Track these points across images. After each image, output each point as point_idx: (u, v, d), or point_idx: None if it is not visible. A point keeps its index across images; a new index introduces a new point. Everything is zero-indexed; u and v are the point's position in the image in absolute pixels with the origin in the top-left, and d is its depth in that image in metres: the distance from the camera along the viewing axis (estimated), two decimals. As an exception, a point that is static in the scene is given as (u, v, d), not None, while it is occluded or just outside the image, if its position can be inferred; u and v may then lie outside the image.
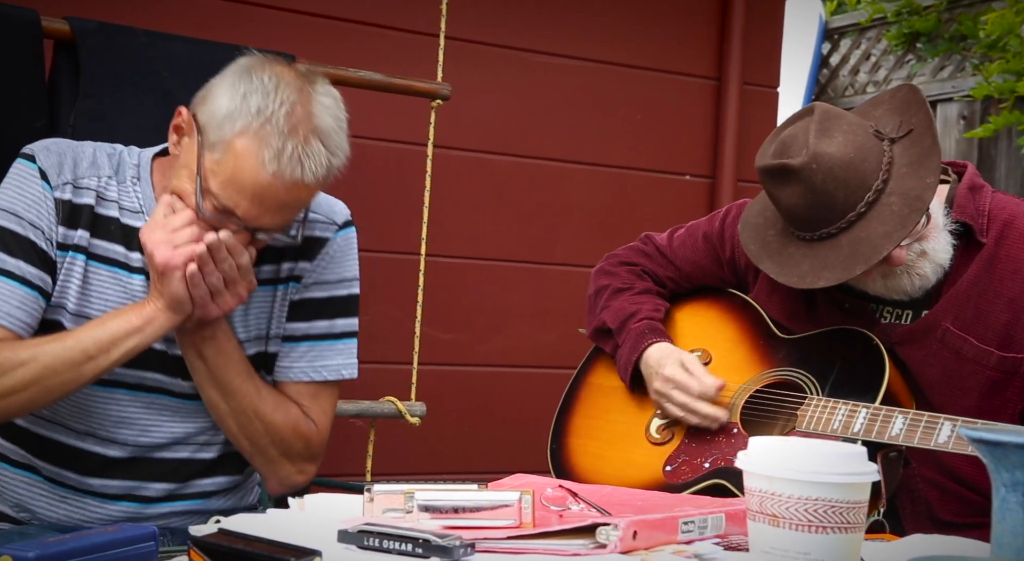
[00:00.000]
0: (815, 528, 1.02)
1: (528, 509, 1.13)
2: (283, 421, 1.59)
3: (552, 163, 3.12)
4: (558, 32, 3.10)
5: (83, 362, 1.46)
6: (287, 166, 1.43)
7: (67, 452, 1.59)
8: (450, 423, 2.97)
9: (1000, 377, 1.66)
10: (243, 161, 1.44)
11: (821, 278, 1.61)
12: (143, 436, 1.60)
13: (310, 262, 1.63)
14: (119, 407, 1.58)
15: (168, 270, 1.45)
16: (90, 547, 0.99)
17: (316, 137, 1.46)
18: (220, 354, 1.54)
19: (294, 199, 1.48)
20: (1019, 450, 0.94)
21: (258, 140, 1.43)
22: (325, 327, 1.65)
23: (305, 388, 1.64)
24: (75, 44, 2.13)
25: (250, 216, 1.47)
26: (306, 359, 1.64)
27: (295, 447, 1.61)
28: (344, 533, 1.09)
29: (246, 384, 1.56)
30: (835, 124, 1.62)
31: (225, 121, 1.45)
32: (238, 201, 1.45)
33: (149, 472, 1.61)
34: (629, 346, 1.90)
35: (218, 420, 1.59)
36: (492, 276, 3.04)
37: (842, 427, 1.62)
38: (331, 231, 1.65)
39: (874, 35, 5.00)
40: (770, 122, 3.43)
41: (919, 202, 1.58)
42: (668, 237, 2.03)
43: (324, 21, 2.80)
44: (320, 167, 1.46)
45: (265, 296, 1.62)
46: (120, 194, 1.57)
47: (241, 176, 1.44)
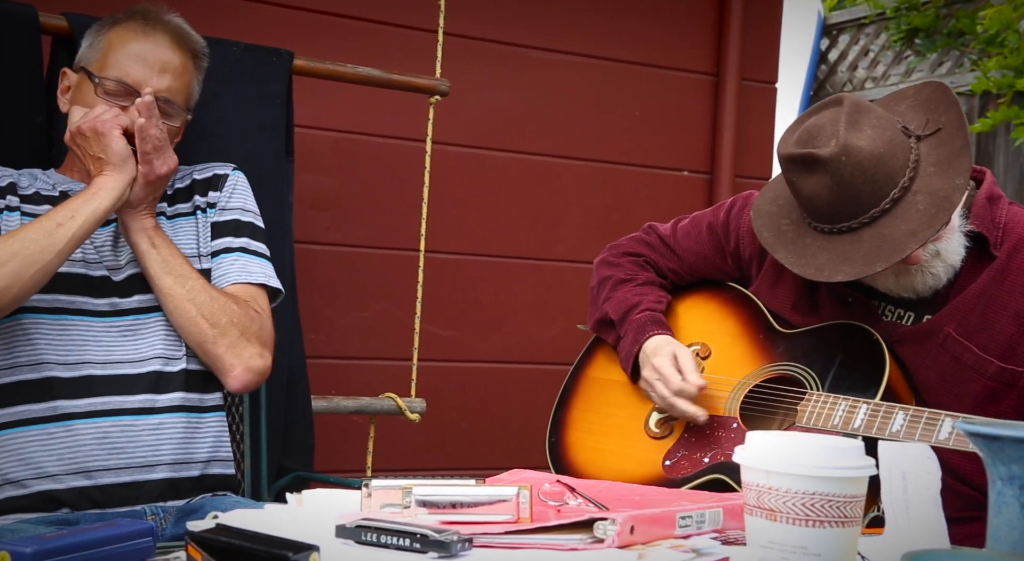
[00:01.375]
0: (812, 522, 1.03)
1: (526, 504, 1.13)
2: (236, 303, 1.73)
3: (551, 159, 3.12)
4: (557, 28, 3.10)
5: (54, 229, 1.62)
6: (153, 23, 1.78)
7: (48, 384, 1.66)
8: (450, 419, 2.97)
9: (997, 387, 1.66)
10: (118, 39, 1.77)
11: (840, 272, 1.60)
12: (110, 354, 1.69)
13: (218, 191, 1.86)
14: (79, 331, 1.70)
15: (106, 129, 1.67)
16: (87, 542, 0.99)
17: (171, 18, 1.82)
18: (169, 244, 1.73)
19: (170, 59, 1.78)
20: (1016, 444, 0.94)
21: (124, 25, 1.79)
22: (244, 243, 1.83)
23: (241, 289, 1.79)
24: (73, 40, 2.13)
25: (140, 79, 1.74)
26: (236, 266, 1.81)
27: (251, 328, 1.72)
28: (342, 528, 1.09)
29: (195, 271, 1.74)
30: (865, 117, 1.60)
31: (94, 39, 1.80)
32: (126, 68, 1.74)
33: (129, 387, 1.68)
34: (631, 338, 1.89)
35: (177, 309, 1.70)
36: (491, 272, 3.04)
37: (842, 423, 1.62)
38: (228, 169, 1.90)
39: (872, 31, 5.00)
40: (768, 118, 3.42)
41: (947, 203, 1.57)
42: (672, 227, 2.02)
43: (323, 17, 2.80)
44: (180, 30, 1.80)
45: (188, 224, 1.83)
46: (32, 183, 1.79)
47: (120, 49, 1.76)
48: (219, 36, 2.32)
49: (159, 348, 1.72)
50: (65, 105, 1.81)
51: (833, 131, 1.58)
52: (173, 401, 1.71)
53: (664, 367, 1.80)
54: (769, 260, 1.86)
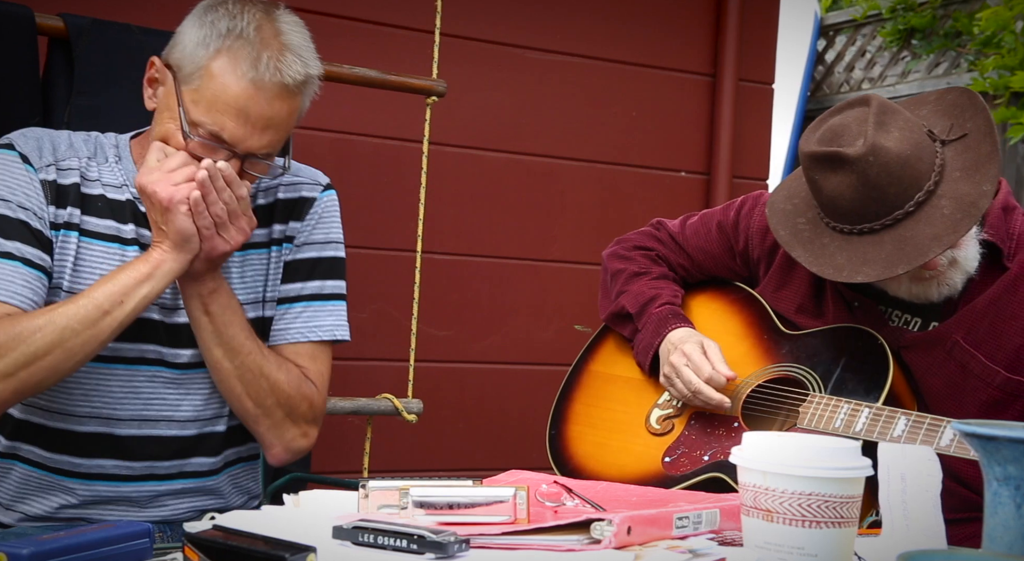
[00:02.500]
0: (809, 523, 1.03)
1: (523, 505, 1.13)
2: (287, 380, 1.59)
3: (548, 160, 3.12)
4: (554, 29, 3.10)
5: (99, 318, 1.45)
6: (265, 72, 1.48)
7: (77, 439, 1.58)
8: (447, 420, 2.97)
9: (1002, 397, 1.65)
10: (222, 79, 1.48)
11: (860, 273, 1.58)
12: (147, 409, 1.59)
13: (300, 222, 1.67)
14: (120, 382, 1.58)
15: (172, 205, 1.46)
16: (85, 544, 0.98)
17: (287, 49, 1.51)
18: (225, 309, 1.54)
19: (277, 113, 1.50)
20: (1012, 444, 0.94)
21: (232, 55, 1.48)
22: (317, 287, 1.67)
23: (303, 349, 1.65)
24: (69, 41, 2.12)
25: (237, 137, 1.49)
26: (301, 320, 1.65)
27: (299, 408, 1.61)
28: (339, 529, 1.09)
29: (250, 341, 1.56)
30: (892, 118, 1.59)
31: (198, 50, 1.50)
32: (223, 122, 1.48)
33: (158, 452, 1.60)
34: (651, 330, 1.88)
35: (222, 383, 1.57)
36: (488, 273, 3.04)
37: (844, 426, 1.62)
38: (317, 191, 1.69)
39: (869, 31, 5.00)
40: (765, 119, 3.43)
41: (973, 209, 1.56)
42: (680, 224, 2.02)
43: (319, 17, 2.80)
44: (298, 74, 1.51)
45: (260, 259, 1.65)
46: (101, 173, 1.59)
47: (223, 94, 1.48)
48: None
49: (200, 408, 1.62)
50: (152, 102, 1.58)
51: (860, 131, 1.56)
52: (205, 465, 1.65)
53: (694, 354, 1.79)
54: (777, 262, 1.86)
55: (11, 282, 1.48)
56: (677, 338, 1.84)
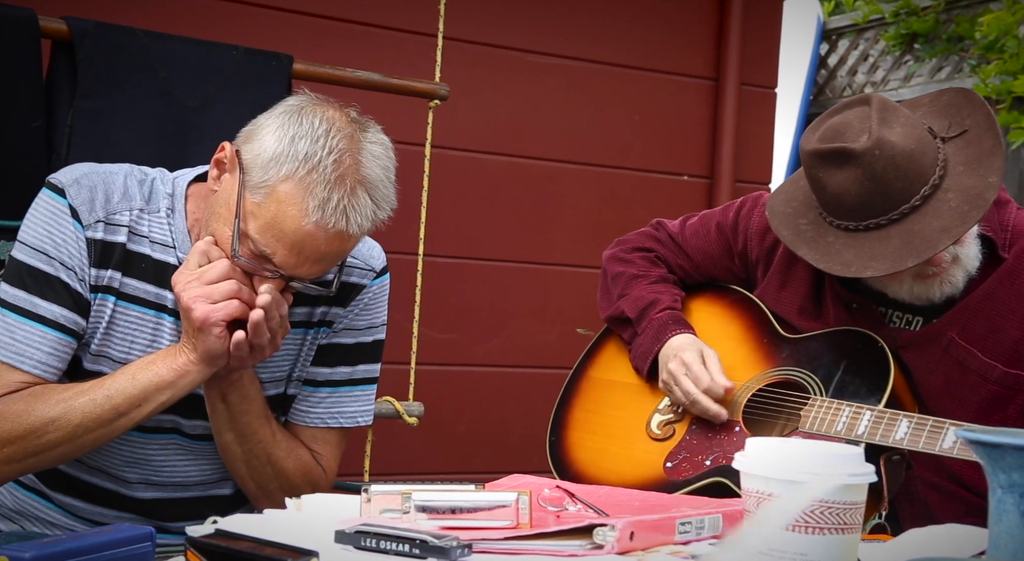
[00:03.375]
0: (812, 529, 1.02)
1: (525, 510, 1.13)
2: (294, 468, 1.57)
3: (550, 163, 3.12)
4: (556, 33, 3.10)
5: (114, 419, 1.42)
6: (331, 217, 1.38)
7: (80, 485, 1.57)
8: (448, 423, 2.97)
9: (1002, 392, 1.65)
10: (285, 208, 1.38)
11: (868, 268, 1.57)
12: (155, 476, 1.58)
13: (343, 308, 1.60)
14: (131, 448, 1.56)
15: (207, 326, 1.40)
16: (87, 547, 0.98)
17: (363, 188, 1.41)
18: (243, 400, 1.50)
19: (334, 251, 1.42)
20: (1016, 452, 0.94)
21: (303, 188, 1.37)
22: (347, 373, 1.62)
23: (320, 433, 1.62)
24: (73, 44, 2.12)
25: (287, 265, 1.41)
26: (324, 405, 1.61)
27: (302, 492, 1.55)
28: (341, 534, 1.09)
29: (263, 429, 1.53)
30: (894, 115, 1.59)
31: (270, 164, 1.39)
32: (276, 248, 1.40)
33: (164, 512, 1.59)
34: (651, 336, 1.88)
35: (228, 463, 1.56)
36: (490, 276, 3.04)
37: (846, 429, 1.62)
38: (368, 278, 1.62)
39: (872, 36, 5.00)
40: (768, 123, 3.43)
41: (981, 200, 1.56)
42: (680, 225, 2.01)
43: (322, 21, 2.80)
44: (365, 220, 1.41)
45: (295, 339, 1.59)
46: (151, 227, 1.51)
47: (282, 223, 1.38)
48: (219, 40, 2.33)
49: (208, 473, 1.61)
50: (216, 184, 1.47)
51: (863, 127, 1.57)
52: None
53: (694, 363, 1.79)
54: (776, 264, 1.86)
55: (37, 349, 1.44)
56: (677, 345, 1.83)
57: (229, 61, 2.23)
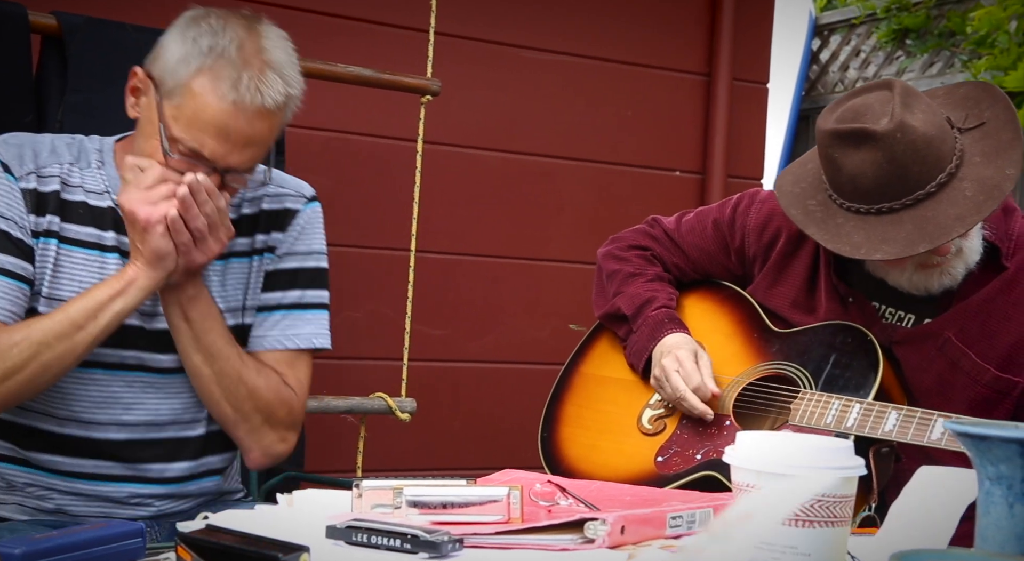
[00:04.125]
0: (802, 522, 1.03)
1: (516, 504, 1.13)
2: (266, 386, 1.61)
3: (542, 159, 3.12)
4: (548, 28, 3.10)
5: (73, 332, 1.47)
6: (246, 94, 1.47)
7: (53, 438, 1.59)
8: (441, 419, 2.97)
9: (991, 395, 1.66)
10: (203, 98, 1.47)
11: (879, 251, 1.57)
12: (126, 414, 1.60)
13: (283, 233, 1.67)
14: (99, 387, 1.59)
15: (150, 225, 1.47)
16: (78, 543, 0.98)
17: (270, 68, 1.50)
18: (205, 316, 1.56)
19: (257, 132, 1.50)
20: (1004, 444, 0.95)
21: (214, 75, 1.47)
22: (297, 297, 1.68)
23: (281, 356, 1.66)
24: (62, 39, 2.12)
25: (217, 155, 1.49)
26: (279, 328, 1.66)
27: (277, 413, 1.62)
28: (332, 529, 1.09)
29: (229, 347, 1.58)
30: (915, 100, 1.59)
31: (179, 66, 1.49)
32: (203, 140, 1.48)
33: (138, 454, 1.61)
34: (647, 334, 1.89)
35: (201, 388, 1.59)
36: (482, 272, 3.04)
37: (835, 422, 1.62)
38: (301, 203, 1.69)
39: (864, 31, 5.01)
40: (760, 118, 3.43)
41: (997, 191, 1.56)
42: (676, 221, 2.02)
43: (313, 16, 2.80)
44: (278, 94, 1.50)
45: (241, 267, 1.65)
46: (84, 178, 1.59)
47: (203, 113, 1.47)
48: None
49: (179, 412, 1.63)
50: (134, 110, 1.57)
51: (884, 110, 1.56)
52: (185, 470, 1.65)
53: (687, 362, 1.80)
54: (773, 258, 1.86)
55: None
56: (672, 343, 1.84)
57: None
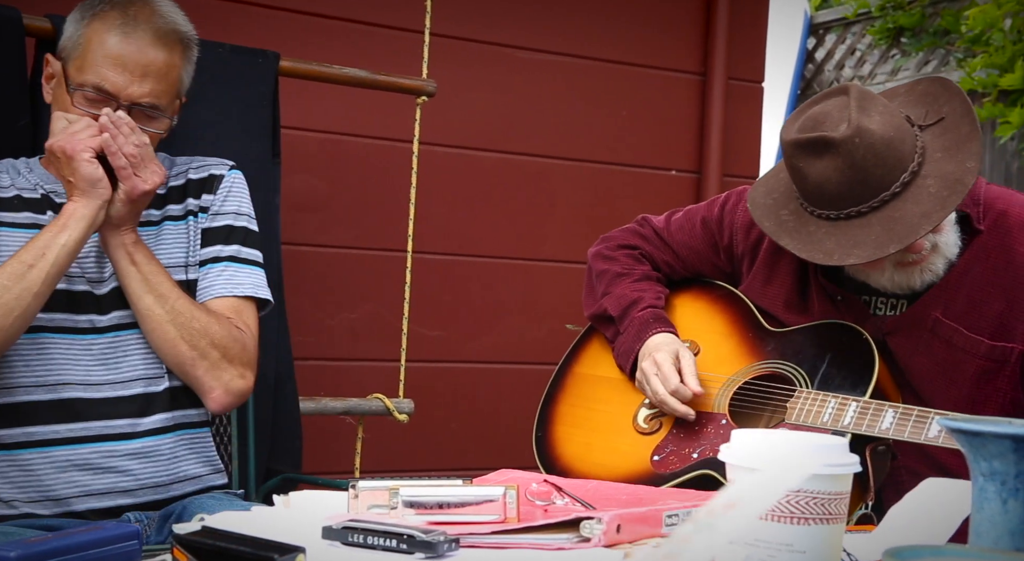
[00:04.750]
0: (797, 519, 1.03)
1: (513, 504, 1.14)
2: (218, 322, 1.67)
3: (538, 159, 3.12)
4: (543, 28, 3.10)
5: (25, 272, 1.56)
6: (133, 25, 1.64)
7: (25, 409, 1.63)
8: (438, 420, 2.97)
9: (990, 366, 1.66)
10: (97, 37, 1.64)
11: (851, 256, 1.59)
12: (90, 375, 1.65)
13: (213, 194, 1.78)
14: (59, 350, 1.65)
15: (75, 153, 1.59)
16: (73, 546, 0.98)
17: (156, 9, 1.68)
18: (150, 259, 1.65)
19: (152, 60, 1.65)
20: (997, 440, 0.95)
21: (104, 19, 1.65)
22: (234, 250, 1.76)
23: (227, 303, 1.73)
24: (57, 42, 2.12)
25: (118, 86, 1.63)
26: (223, 277, 1.74)
27: (233, 350, 1.67)
28: (328, 529, 1.09)
29: (177, 288, 1.67)
30: (872, 104, 1.61)
31: (75, 29, 1.67)
32: (102, 73, 1.63)
33: (109, 412, 1.65)
34: (632, 334, 1.89)
35: (156, 330, 1.64)
36: (479, 273, 3.04)
37: (832, 420, 1.63)
38: (224, 169, 1.81)
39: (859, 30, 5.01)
40: (755, 117, 3.43)
41: (960, 185, 1.57)
42: (665, 220, 2.02)
43: (309, 18, 2.80)
44: (165, 24, 1.67)
45: (178, 229, 1.76)
46: (15, 181, 1.72)
47: (99, 49, 1.63)
48: (205, 37, 2.31)
49: (140, 369, 1.68)
50: (48, 95, 1.73)
51: (842, 116, 1.58)
52: (156, 423, 1.68)
53: (665, 364, 1.80)
54: (761, 257, 1.87)
55: None
56: (654, 345, 1.85)
57: (215, 58, 2.22)
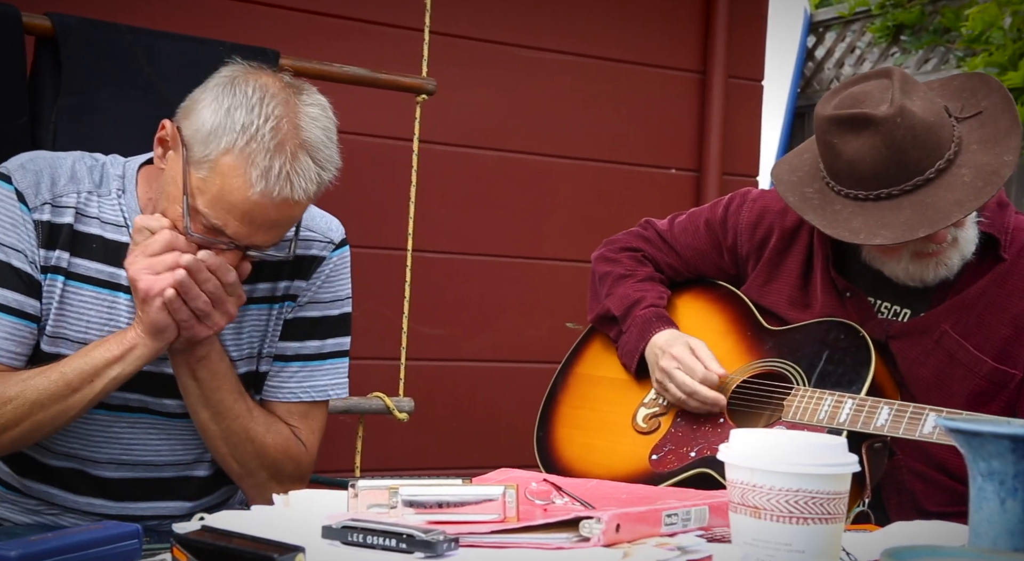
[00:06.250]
0: (796, 519, 1.03)
1: (512, 503, 1.14)
2: (274, 443, 1.58)
3: (538, 158, 3.12)
4: (543, 27, 3.10)
5: (68, 394, 1.44)
6: (275, 185, 1.40)
7: (50, 472, 1.58)
8: (438, 418, 2.97)
9: (989, 387, 1.67)
10: (230, 180, 1.40)
11: (878, 236, 1.58)
12: (126, 454, 1.58)
13: (306, 281, 1.62)
14: (101, 427, 1.57)
15: (149, 298, 1.42)
16: (73, 545, 0.98)
17: (304, 152, 1.42)
18: (214, 376, 1.52)
19: (284, 217, 1.44)
20: (996, 440, 0.95)
21: (244, 158, 1.39)
22: (316, 347, 1.64)
23: (295, 408, 1.63)
24: (56, 40, 2.12)
25: (240, 235, 1.43)
26: (296, 379, 1.63)
27: (285, 469, 1.59)
28: (328, 529, 1.09)
29: (238, 404, 1.54)
30: (914, 88, 1.60)
31: (210, 138, 1.41)
32: (227, 220, 1.42)
33: (138, 492, 1.59)
34: (636, 333, 1.89)
35: (208, 442, 1.56)
36: (479, 271, 3.04)
37: (828, 417, 1.63)
38: (327, 250, 1.64)
39: (858, 28, 5.01)
40: (755, 115, 3.43)
41: (995, 177, 1.57)
42: (669, 223, 2.03)
43: (309, 16, 2.80)
44: (310, 183, 1.43)
45: (260, 314, 1.61)
46: (101, 208, 1.53)
47: (229, 195, 1.40)
48: (205, 36, 2.32)
49: (179, 453, 1.62)
50: (160, 162, 1.50)
51: (884, 96, 1.57)
52: (186, 509, 1.63)
53: (685, 357, 1.80)
54: (766, 256, 1.87)
55: None
56: (663, 341, 1.85)
57: (215, 57, 2.20)
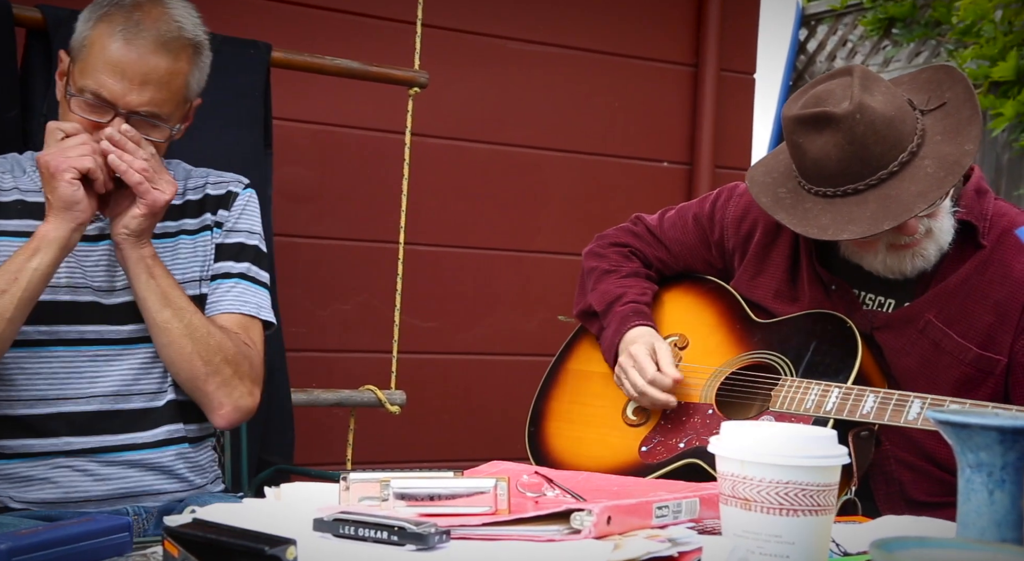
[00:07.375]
0: (786, 511, 1.04)
1: (503, 496, 1.14)
2: (230, 338, 1.67)
3: (530, 150, 3.12)
4: (535, 19, 3.10)
5: None
6: (136, 31, 1.57)
7: (24, 422, 1.62)
8: (430, 411, 2.98)
9: (975, 374, 1.68)
10: (99, 41, 1.58)
11: (845, 231, 1.60)
12: (92, 386, 1.64)
13: (228, 210, 1.77)
14: (62, 363, 1.63)
15: (58, 173, 1.53)
16: (64, 538, 0.98)
17: (164, 11, 1.61)
18: (167, 274, 1.64)
19: (153, 68, 1.58)
20: (984, 431, 0.95)
21: (108, 21, 1.58)
22: (245, 268, 1.76)
23: (235, 319, 1.72)
24: (48, 32, 2.11)
25: (116, 93, 1.57)
26: (232, 294, 1.74)
27: (243, 366, 1.67)
28: (319, 521, 1.09)
29: (192, 304, 1.65)
30: (875, 84, 1.62)
31: (82, 29, 1.61)
32: (100, 79, 1.57)
33: (111, 425, 1.65)
34: (613, 328, 1.91)
35: (172, 344, 1.62)
36: (471, 264, 3.05)
37: (815, 406, 1.65)
38: (240, 187, 1.80)
39: (850, 21, 5.01)
40: (747, 108, 3.44)
41: (956, 167, 1.59)
42: (659, 218, 2.04)
43: (301, 9, 2.79)
44: (169, 31, 1.60)
45: (192, 243, 1.74)
46: (18, 181, 1.67)
47: (99, 55, 1.57)
48: (195, 28, 2.31)
49: (143, 382, 1.68)
50: (60, 92, 1.66)
51: (845, 94, 1.59)
52: (158, 435, 1.68)
53: (640, 356, 1.82)
54: (752, 250, 1.88)
55: None
56: (630, 339, 1.87)
57: (206, 50, 2.21)
